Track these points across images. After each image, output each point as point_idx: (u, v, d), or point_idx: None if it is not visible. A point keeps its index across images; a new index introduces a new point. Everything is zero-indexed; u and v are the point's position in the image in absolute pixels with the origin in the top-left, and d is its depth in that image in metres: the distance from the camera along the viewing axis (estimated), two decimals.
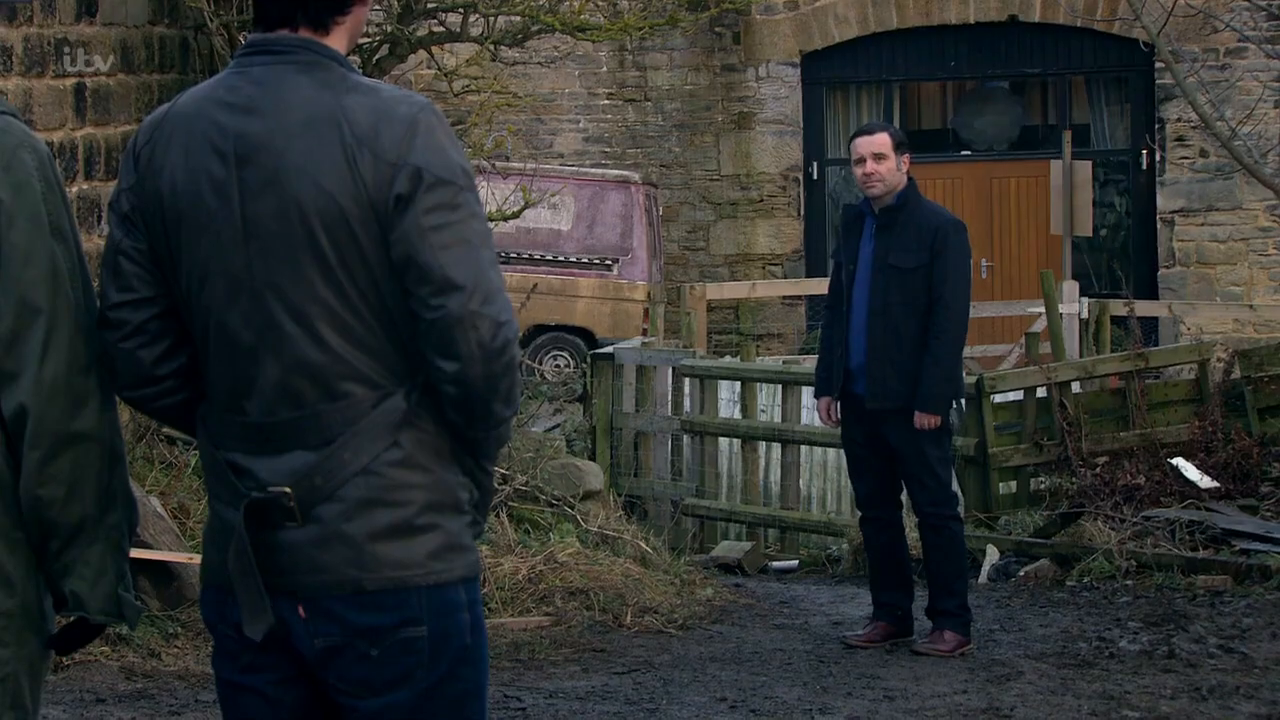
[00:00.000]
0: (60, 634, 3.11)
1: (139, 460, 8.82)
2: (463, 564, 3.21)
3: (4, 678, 3.03)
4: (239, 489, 3.17)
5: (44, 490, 2.99)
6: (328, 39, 3.20)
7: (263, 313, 3.13)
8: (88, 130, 9.33)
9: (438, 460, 3.18)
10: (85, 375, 3.02)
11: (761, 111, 20.92)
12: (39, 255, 2.99)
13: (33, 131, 3.07)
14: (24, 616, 3.05)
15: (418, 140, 3.10)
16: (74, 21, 9.21)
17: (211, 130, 3.15)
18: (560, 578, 8.78)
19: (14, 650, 3.04)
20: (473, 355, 3.09)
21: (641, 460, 12.68)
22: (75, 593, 3.03)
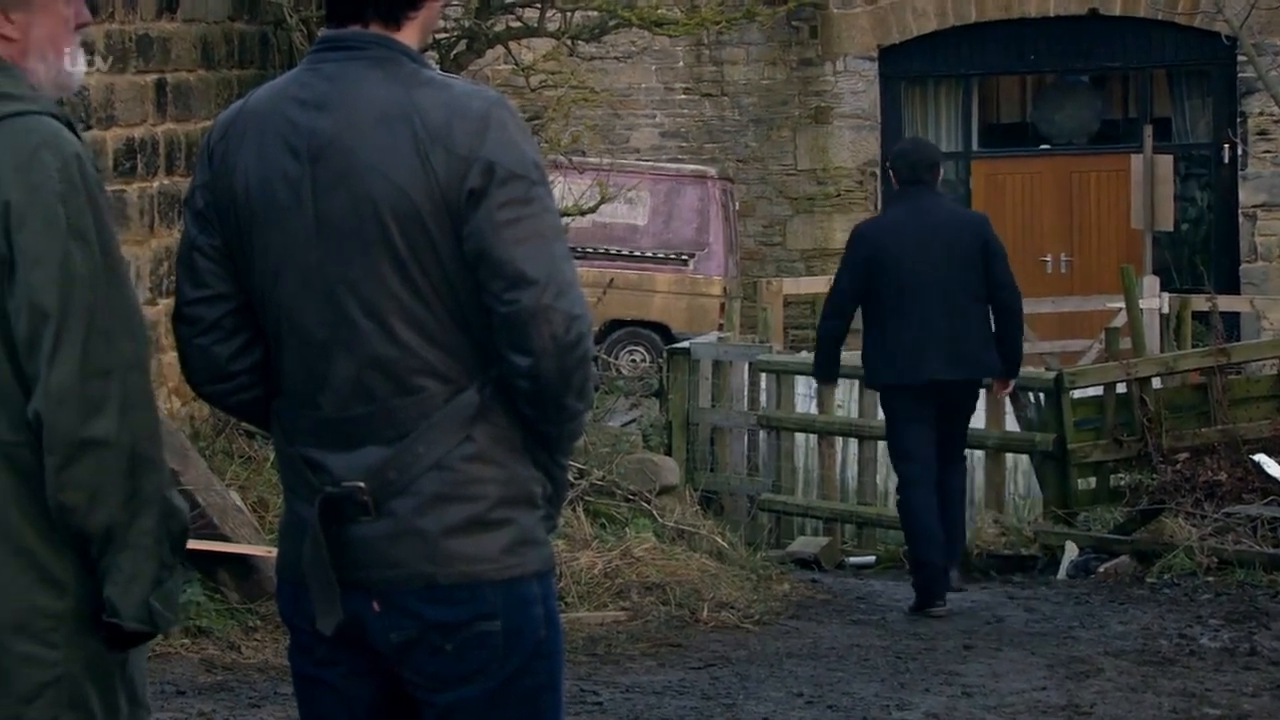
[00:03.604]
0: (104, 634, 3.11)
1: (218, 454, 8.88)
2: (536, 558, 3.21)
3: (57, 679, 3.04)
4: (313, 484, 3.17)
5: (65, 497, 2.97)
6: (400, 34, 3.20)
7: (336, 308, 3.14)
8: (168, 126, 9.40)
9: (511, 455, 3.18)
10: (102, 380, 2.97)
11: (839, 106, 20.85)
12: (49, 258, 2.96)
13: (66, 131, 3.04)
14: (77, 619, 3.05)
15: (490, 135, 3.10)
16: (155, 18, 9.28)
17: (284, 127, 3.16)
18: (636, 572, 8.78)
19: (65, 652, 3.04)
20: (546, 349, 3.09)
21: (718, 455, 12.67)
22: (109, 598, 3.03)
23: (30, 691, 3.02)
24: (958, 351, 8.65)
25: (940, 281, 8.64)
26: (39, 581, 3.02)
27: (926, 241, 8.67)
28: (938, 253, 8.65)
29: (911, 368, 8.67)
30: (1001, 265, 8.79)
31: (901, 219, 8.85)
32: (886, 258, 8.68)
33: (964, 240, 8.72)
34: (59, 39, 3.12)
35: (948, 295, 8.63)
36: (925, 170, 8.82)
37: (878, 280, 8.68)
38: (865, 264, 8.73)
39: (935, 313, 8.62)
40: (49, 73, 3.11)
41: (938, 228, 8.71)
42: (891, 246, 8.69)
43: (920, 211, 8.75)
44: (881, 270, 8.67)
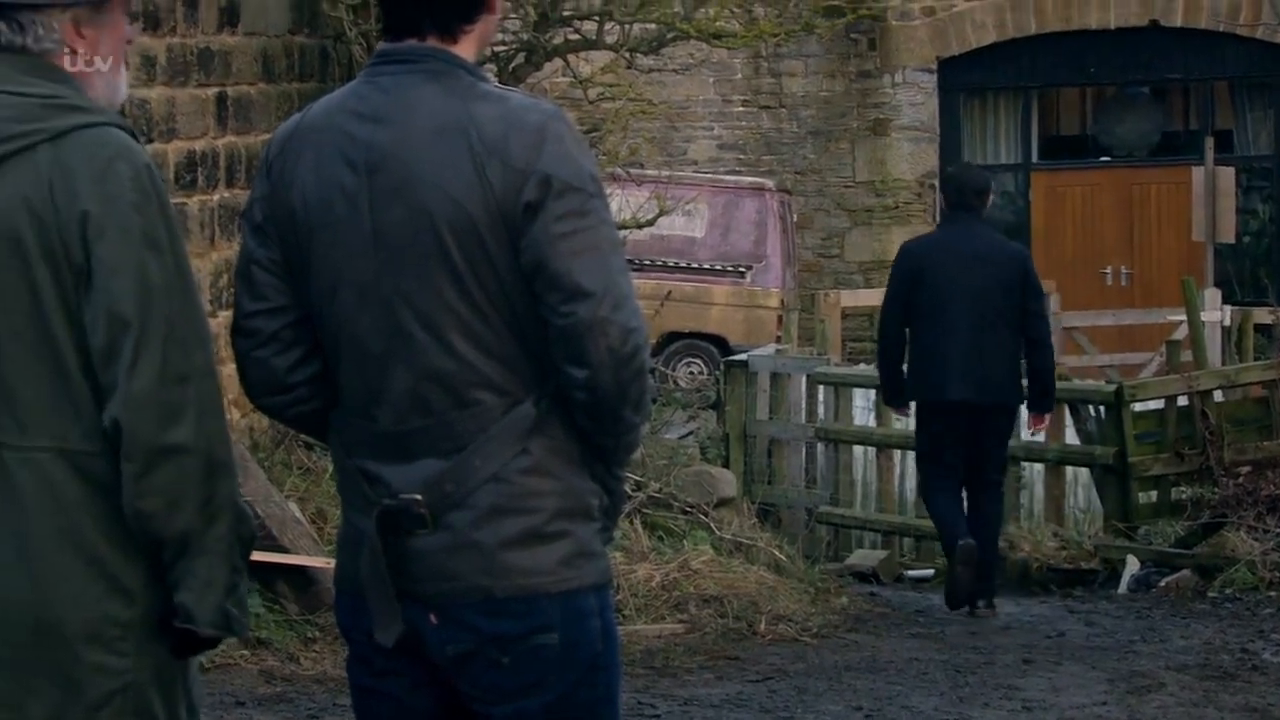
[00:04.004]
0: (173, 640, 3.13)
1: (278, 465, 8.91)
2: (593, 571, 3.21)
3: (125, 687, 3.06)
4: (370, 496, 3.18)
5: (143, 503, 2.99)
6: (456, 47, 3.20)
7: (392, 321, 3.14)
8: (229, 138, 9.45)
9: (568, 467, 3.18)
10: (180, 387, 2.98)
11: (897, 118, 20.81)
12: (127, 267, 2.97)
13: (134, 141, 3.06)
14: (145, 626, 3.07)
15: (547, 147, 3.10)
16: (216, 31, 9.34)
17: (342, 140, 3.17)
18: (694, 585, 8.77)
19: (134, 660, 3.06)
20: (603, 362, 3.09)
21: (775, 468, 12.65)
22: (184, 604, 3.05)
23: (99, 699, 3.04)
24: (984, 375, 8.98)
25: (974, 306, 8.97)
26: (110, 590, 3.04)
27: (966, 266, 8.98)
28: (975, 278, 8.97)
29: (940, 385, 9.04)
30: (1037, 299, 9.21)
31: (946, 241, 9.19)
32: (927, 276, 9.03)
33: (1002, 269, 9.03)
34: (117, 55, 3.16)
35: (981, 319, 8.96)
36: (973, 196, 9.14)
37: (917, 296, 9.04)
38: (908, 280, 9.09)
39: (966, 335, 8.96)
40: (106, 86, 3.15)
41: (978, 254, 9.02)
42: (933, 266, 9.04)
43: (964, 236, 9.07)
44: (921, 287, 9.02)
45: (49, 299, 3.00)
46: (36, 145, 3.01)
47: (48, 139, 3.01)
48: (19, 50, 3.06)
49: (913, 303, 9.06)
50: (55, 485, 3.01)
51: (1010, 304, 9.00)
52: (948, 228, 9.31)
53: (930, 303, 9.01)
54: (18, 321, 3.00)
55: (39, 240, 2.99)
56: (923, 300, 9.02)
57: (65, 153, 3.00)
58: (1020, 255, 9.40)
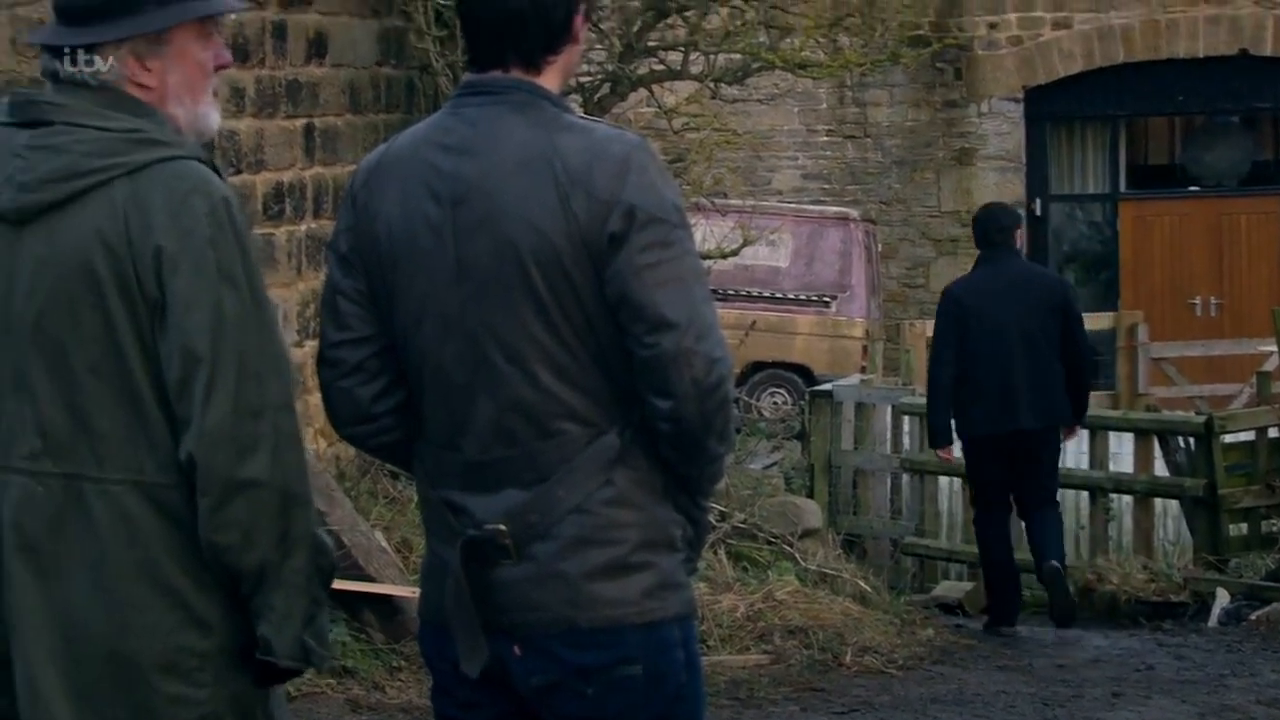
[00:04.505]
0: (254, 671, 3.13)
1: (363, 495, 8.95)
2: (677, 602, 3.20)
3: (202, 718, 3.07)
4: (455, 527, 3.18)
5: (219, 537, 3.00)
6: (540, 78, 3.21)
7: (477, 352, 3.14)
8: (316, 169, 9.52)
9: (651, 498, 3.17)
10: (254, 421, 2.99)
11: (983, 147, 20.72)
12: (201, 302, 2.98)
13: (213, 175, 3.07)
14: (224, 656, 3.07)
15: (631, 178, 3.10)
16: (304, 63, 9.41)
17: (426, 172, 3.18)
18: (779, 616, 8.74)
19: (212, 690, 3.06)
20: (687, 393, 3.08)
21: (860, 498, 12.59)
22: (264, 636, 3.05)
23: None
24: (1035, 403, 9.35)
25: (1020, 337, 9.33)
26: (186, 621, 3.05)
27: (1007, 299, 9.37)
28: (1017, 310, 9.34)
29: (994, 419, 9.41)
30: (1078, 326, 9.52)
31: (984, 278, 9.55)
32: (971, 315, 9.40)
33: (1041, 298, 9.43)
34: (196, 84, 3.15)
35: (1027, 349, 9.33)
36: (996, 234, 9.56)
37: (965, 336, 9.40)
38: (954, 321, 9.46)
39: (1016, 367, 9.33)
40: (188, 118, 3.15)
41: (1017, 286, 9.42)
42: (976, 304, 9.42)
43: (1001, 271, 9.46)
44: (968, 327, 9.39)
45: (125, 333, 3.01)
46: (114, 180, 3.02)
47: (125, 173, 3.02)
48: (82, 84, 3.08)
49: (961, 342, 9.41)
50: (131, 517, 3.03)
51: (1053, 330, 9.36)
52: (984, 266, 9.63)
53: (978, 340, 9.36)
54: (95, 355, 3.02)
55: (114, 275, 3.00)
56: (970, 339, 9.38)
57: (142, 187, 3.01)
58: (1059, 283, 9.86)
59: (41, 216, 3.03)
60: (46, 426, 3.04)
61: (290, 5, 9.26)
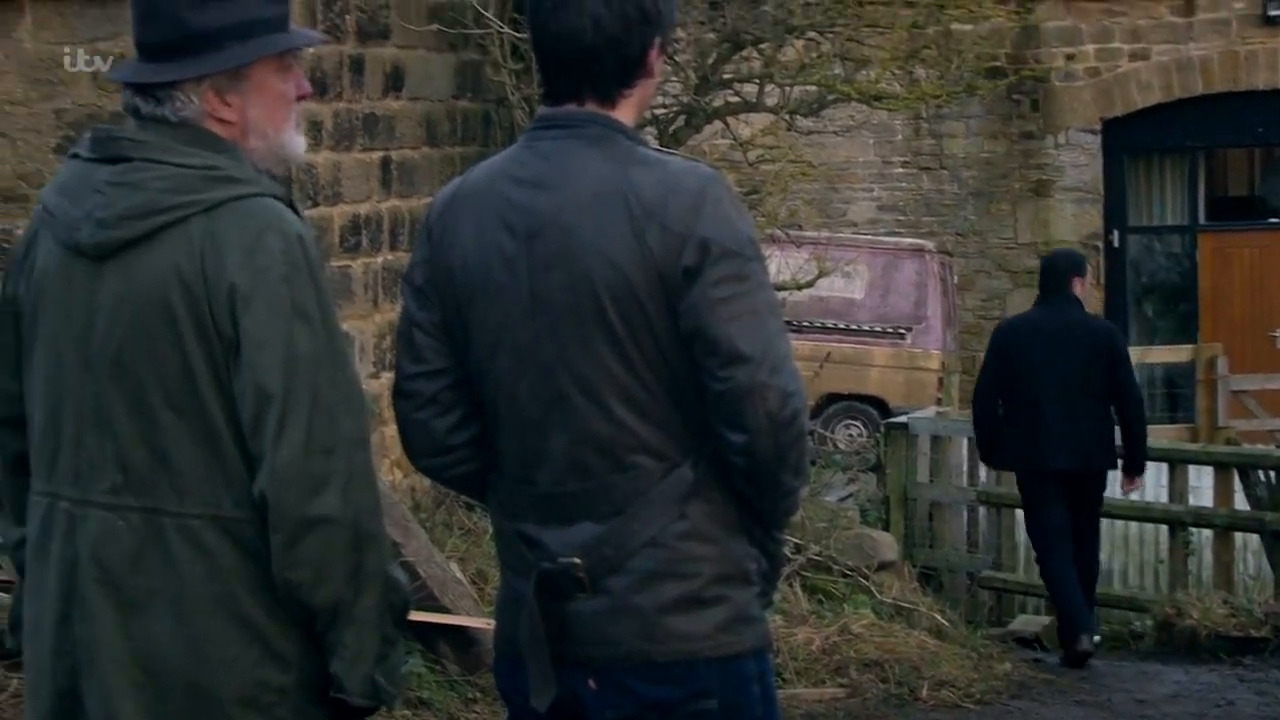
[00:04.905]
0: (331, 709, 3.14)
1: (438, 526, 8.97)
2: (752, 635, 3.19)
3: None
4: (529, 560, 3.18)
5: (291, 574, 3.00)
6: (615, 111, 3.21)
7: (551, 385, 3.15)
8: (393, 202, 9.57)
9: (725, 531, 3.16)
10: (326, 458, 2.99)
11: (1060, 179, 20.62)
12: (274, 340, 2.99)
13: (289, 212, 3.08)
14: (302, 691, 3.08)
15: (705, 212, 3.10)
16: (381, 96, 9.47)
17: (501, 205, 3.19)
18: (855, 649, 8.69)
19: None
20: (761, 426, 3.07)
21: (936, 531, 12.52)
22: (336, 674, 3.06)
23: None
24: (1077, 444, 9.60)
25: (1064, 379, 9.57)
26: (265, 656, 3.05)
27: (1054, 342, 9.62)
28: (1062, 353, 9.60)
29: (1036, 455, 9.67)
30: (1126, 371, 9.74)
31: (1036, 319, 9.87)
32: (1017, 353, 9.70)
33: (1089, 344, 9.66)
34: (277, 116, 3.16)
35: (1070, 392, 9.57)
36: (1056, 278, 9.84)
37: (1010, 372, 9.71)
38: (1000, 357, 9.78)
39: (1058, 407, 9.56)
40: (269, 149, 3.16)
41: (1066, 330, 9.67)
42: (1023, 343, 9.73)
43: (1053, 315, 9.73)
44: (1013, 363, 9.70)
45: (201, 370, 3.02)
46: (191, 217, 3.03)
47: (202, 210, 3.03)
48: (163, 120, 3.10)
49: (1007, 378, 9.74)
50: (210, 552, 3.03)
51: (1099, 376, 9.62)
52: (1039, 308, 9.94)
53: (1023, 377, 9.66)
54: (172, 391, 3.03)
55: (190, 312, 3.01)
56: (1016, 375, 9.68)
57: (218, 224, 3.02)
58: (1107, 330, 10.04)
59: (120, 253, 3.05)
60: (127, 461, 3.05)
61: (368, 39, 9.32)
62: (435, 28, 9.90)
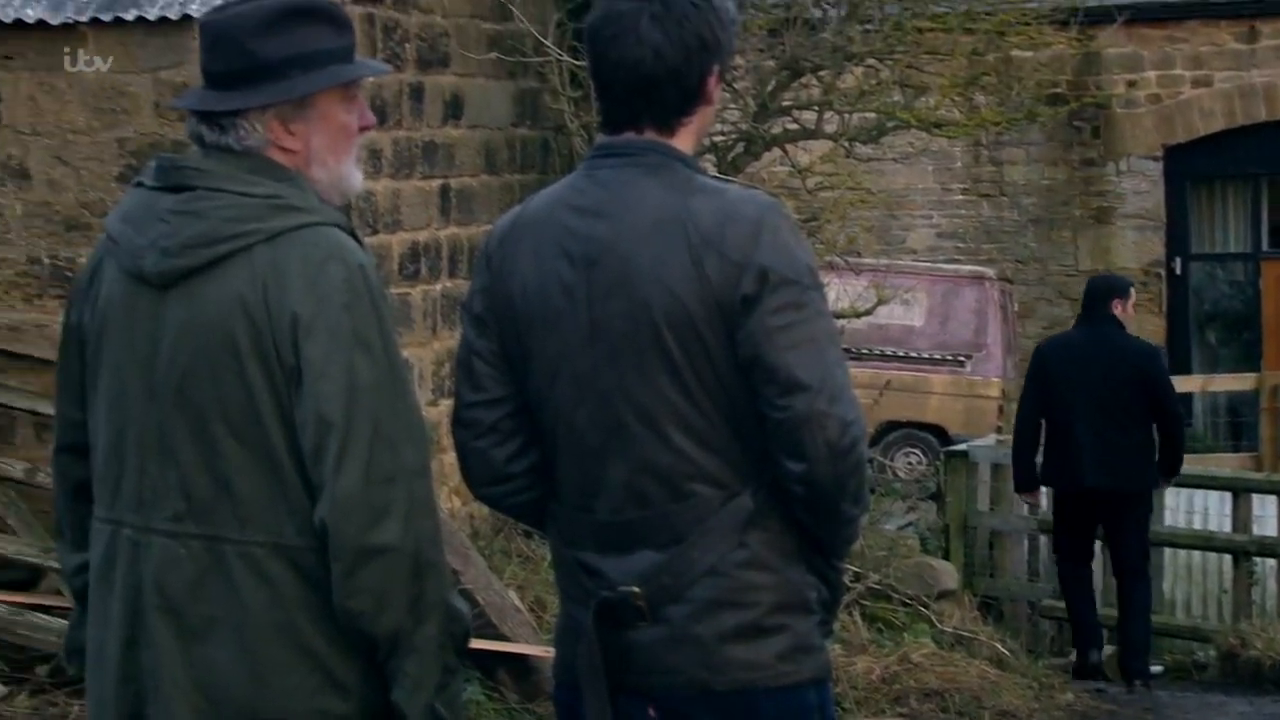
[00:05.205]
0: None
1: (497, 554, 8.97)
2: (812, 665, 3.18)
3: None
4: (588, 588, 3.18)
5: (352, 603, 3.00)
6: (673, 140, 3.21)
7: (610, 413, 3.15)
8: (451, 230, 9.60)
9: (785, 560, 3.15)
10: (386, 487, 2.99)
11: (1122, 206, 20.51)
12: (334, 369, 2.99)
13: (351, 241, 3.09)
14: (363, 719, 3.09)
15: (763, 240, 3.09)
16: (440, 124, 9.51)
17: (560, 233, 3.19)
18: (915, 678, 8.65)
19: None
20: (820, 455, 3.06)
21: (997, 560, 12.44)
22: (397, 703, 3.06)
23: None
24: (1114, 463, 9.74)
25: (1099, 398, 9.73)
26: (326, 683, 3.06)
27: (1093, 363, 9.81)
28: (1100, 374, 9.76)
29: (1073, 474, 9.83)
30: (1165, 393, 9.88)
31: (1076, 340, 10.12)
32: (1057, 373, 9.89)
33: (1127, 366, 9.80)
34: (339, 146, 3.17)
35: (1108, 412, 9.73)
36: (1097, 301, 10.04)
37: (1050, 392, 9.90)
38: (1039, 377, 10.01)
39: (1096, 427, 9.73)
40: (331, 179, 3.17)
41: (1105, 352, 9.84)
42: (1063, 364, 9.92)
43: (1094, 337, 9.93)
44: (1052, 384, 9.89)
45: (263, 398, 3.03)
46: (253, 245, 3.04)
47: (265, 239, 3.04)
48: (227, 149, 3.11)
49: (1047, 398, 9.92)
50: (272, 580, 3.04)
51: (1133, 397, 9.75)
52: (1079, 328, 10.21)
53: (1062, 398, 9.83)
54: (235, 419, 3.04)
55: (252, 340, 3.02)
56: (1055, 396, 9.86)
57: (280, 253, 3.04)
58: (1145, 352, 10.11)
59: (184, 281, 3.07)
60: (189, 489, 3.06)
61: (428, 67, 9.36)
62: (494, 56, 9.93)
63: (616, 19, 3.17)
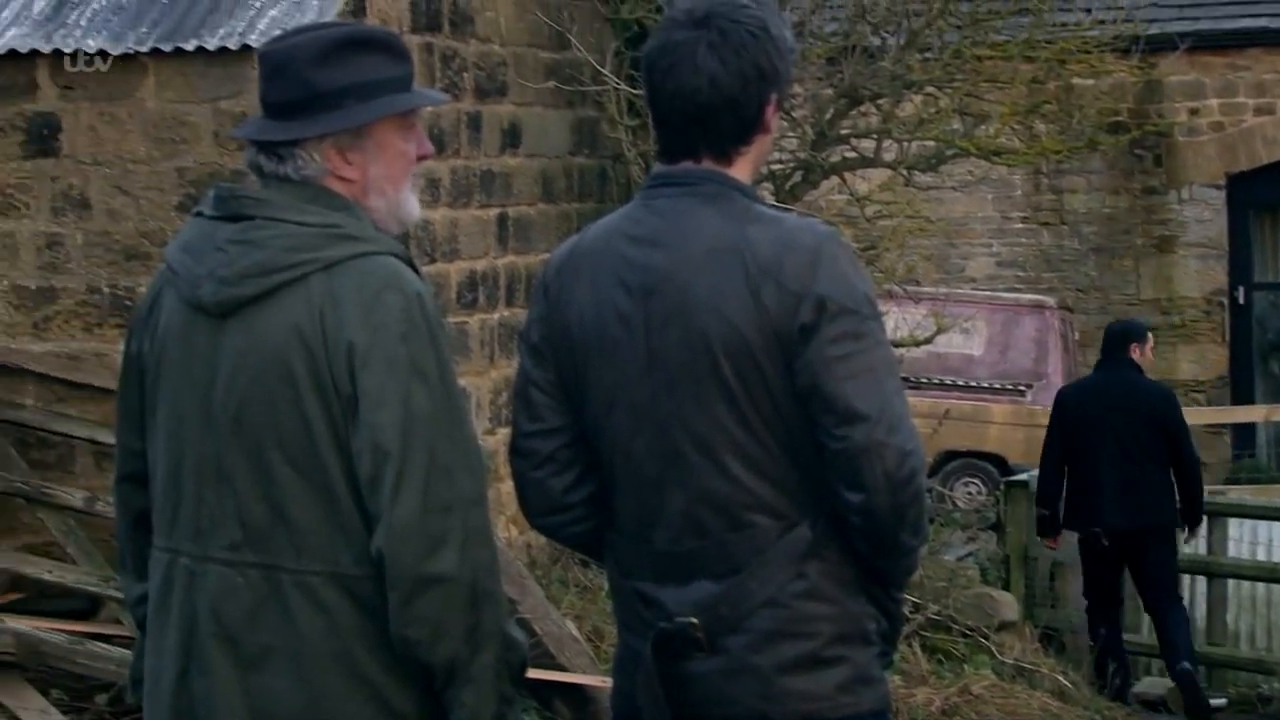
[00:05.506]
0: None
1: (554, 583, 8.96)
2: (871, 696, 3.16)
3: None
4: (647, 618, 3.17)
5: (408, 632, 3.00)
6: (731, 169, 3.20)
7: (667, 443, 3.13)
8: (509, 258, 9.61)
9: (844, 590, 3.14)
10: (443, 516, 2.98)
11: (1184, 234, 20.39)
12: (391, 398, 2.99)
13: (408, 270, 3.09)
14: None
15: (821, 269, 3.08)
16: (498, 153, 9.53)
17: (617, 263, 3.18)
18: (975, 710, 8.59)
19: None
20: (879, 486, 3.04)
21: (1058, 591, 12.36)
22: None
23: None
24: (1134, 504, 10.05)
25: (1118, 440, 10.05)
26: (383, 712, 3.06)
27: (1113, 407, 10.11)
28: (1120, 416, 10.08)
29: (1094, 515, 10.15)
30: (1180, 436, 10.19)
31: (1091, 384, 10.55)
32: (1077, 418, 10.21)
33: (1145, 408, 10.15)
34: (397, 174, 3.18)
35: (1127, 455, 10.05)
36: (1116, 345, 10.43)
37: (1072, 436, 10.20)
38: (1061, 423, 10.32)
39: (1116, 469, 10.05)
40: (389, 208, 3.18)
41: (1124, 396, 10.15)
42: (1081, 408, 10.25)
43: (1113, 381, 10.26)
44: (1073, 428, 10.20)
45: (319, 427, 3.03)
46: (310, 275, 3.05)
47: (322, 268, 3.05)
48: (285, 179, 3.12)
49: (1068, 443, 10.23)
50: (328, 608, 3.04)
51: (1151, 439, 10.09)
52: (1098, 372, 10.56)
53: (1074, 440, 10.17)
54: (292, 448, 3.04)
55: (309, 370, 3.03)
56: (1076, 439, 10.17)
57: (337, 282, 3.04)
58: (1161, 396, 10.42)
59: (241, 310, 3.07)
60: (246, 518, 3.07)
61: (486, 96, 9.38)
62: (552, 85, 9.95)
63: (674, 48, 3.16)
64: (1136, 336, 10.51)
